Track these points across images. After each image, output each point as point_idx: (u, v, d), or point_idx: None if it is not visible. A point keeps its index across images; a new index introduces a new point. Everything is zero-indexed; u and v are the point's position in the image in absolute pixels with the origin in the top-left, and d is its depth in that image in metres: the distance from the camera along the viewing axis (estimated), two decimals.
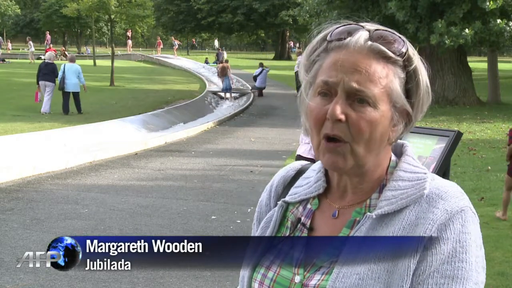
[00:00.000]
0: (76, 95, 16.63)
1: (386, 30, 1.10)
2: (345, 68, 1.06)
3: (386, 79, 1.07)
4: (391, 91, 1.07)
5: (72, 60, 17.39)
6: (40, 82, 16.56)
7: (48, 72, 16.44)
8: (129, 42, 51.76)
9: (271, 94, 24.45)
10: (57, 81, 16.58)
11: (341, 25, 1.12)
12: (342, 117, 1.05)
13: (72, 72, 16.60)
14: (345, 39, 1.08)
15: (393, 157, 1.16)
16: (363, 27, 1.10)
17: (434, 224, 1.03)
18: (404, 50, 1.09)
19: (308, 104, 1.11)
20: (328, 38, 1.11)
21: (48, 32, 50.89)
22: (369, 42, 1.07)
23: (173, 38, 52.09)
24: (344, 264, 1.06)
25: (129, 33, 50.55)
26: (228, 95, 23.61)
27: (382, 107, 1.06)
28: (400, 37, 1.10)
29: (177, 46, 49.41)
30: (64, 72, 16.44)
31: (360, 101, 1.05)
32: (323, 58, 1.11)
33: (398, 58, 1.08)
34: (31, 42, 42.46)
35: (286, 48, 56.39)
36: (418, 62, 1.11)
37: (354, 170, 1.10)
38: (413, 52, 1.10)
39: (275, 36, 58.03)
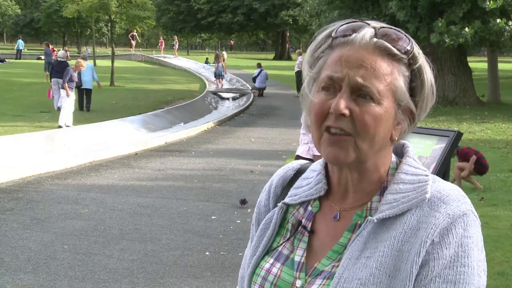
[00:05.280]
0: (89, 92, 17.35)
1: (391, 28, 1.10)
2: (350, 64, 1.05)
3: (391, 76, 1.06)
4: (395, 88, 1.06)
5: (84, 59, 18.27)
6: (53, 80, 17.11)
7: (60, 70, 16.99)
8: (133, 42, 51.35)
9: (271, 94, 24.45)
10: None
11: (346, 22, 1.11)
12: (346, 111, 1.04)
13: (88, 70, 17.45)
14: (350, 35, 1.08)
15: (394, 158, 1.15)
16: (368, 24, 1.10)
17: (436, 228, 1.02)
18: (409, 48, 1.08)
19: (311, 100, 1.11)
20: (333, 34, 1.10)
21: None
22: (375, 39, 1.07)
23: (175, 38, 51.98)
24: (345, 269, 1.05)
25: (134, 33, 49.87)
26: (220, 81, 25.06)
27: (386, 104, 1.06)
28: (405, 35, 1.09)
29: (177, 46, 49.26)
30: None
31: (364, 97, 1.05)
32: (328, 54, 1.10)
33: (403, 56, 1.07)
34: None
35: (286, 48, 56.41)
36: (423, 61, 1.10)
37: (355, 165, 1.09)
38: (418, 51, 1.09)
39: (275, 36, 58.05)
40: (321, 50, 1.12)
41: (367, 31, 1.08)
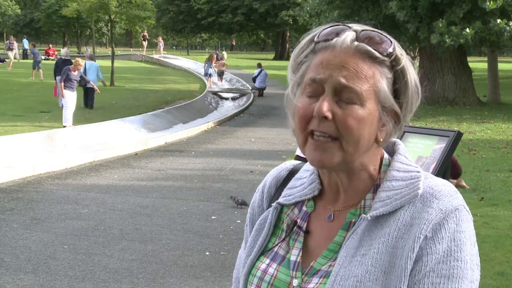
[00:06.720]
0: (92, 90, 17.47)
1: (373, 31, 1.10)
2: (332, 66, 1.06)
3: (373, 78, 1.06)
4: (378, 90, 1.06)
5: (91, 58, 18.73)
6: (57, 78, 17.09)
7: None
8: (145, 43, 51.09)
9: (271, 94, 24.44)
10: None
11: (328, 26, 1.12)
12: (329, 114, 1.04)
13: (93, 69, 17.84)
14: (332, 40, 1.08)
15: (386, 156, 1.16)
16: (350, 27, 1.10)
17: (429, 224, 1.03)
18: (391, 50, 1.08)
19: (296, 104, 1.11)
20: (315, 39, 1.11)
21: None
22: (356, 43, 1.07)
23: (160, 38, 52.16)
24: (341, 267, 1.06)
25: (145, 34, 49.44)
26: (213, 79, 26.12)
27: (369, 106, 1.06)
28: (387, 37, 1.09)
29: (161, 47, 49.56)
30: (85, 69, 17.43)
31: (347, 99, 1.05)
32: (311, 59, 1.10)
33: (385, 58, 1.07)
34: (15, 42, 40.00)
35: (286, 48, 56.39)
36: (406, 62, 1.10)
37: (341, 166, 1.10)
38: (400, 52, 1.09)
39: (275, 36, 58.02)
40: (303, 55, 1.12)
41: (348, 34, 1.08)
